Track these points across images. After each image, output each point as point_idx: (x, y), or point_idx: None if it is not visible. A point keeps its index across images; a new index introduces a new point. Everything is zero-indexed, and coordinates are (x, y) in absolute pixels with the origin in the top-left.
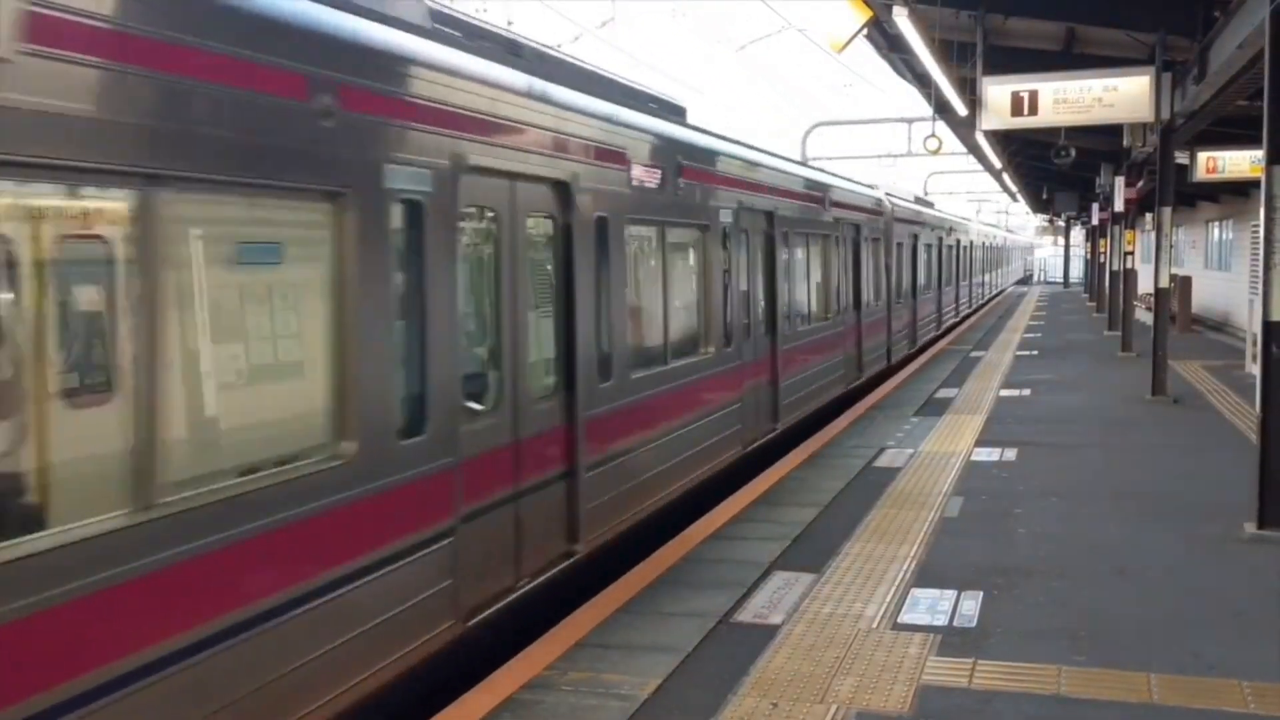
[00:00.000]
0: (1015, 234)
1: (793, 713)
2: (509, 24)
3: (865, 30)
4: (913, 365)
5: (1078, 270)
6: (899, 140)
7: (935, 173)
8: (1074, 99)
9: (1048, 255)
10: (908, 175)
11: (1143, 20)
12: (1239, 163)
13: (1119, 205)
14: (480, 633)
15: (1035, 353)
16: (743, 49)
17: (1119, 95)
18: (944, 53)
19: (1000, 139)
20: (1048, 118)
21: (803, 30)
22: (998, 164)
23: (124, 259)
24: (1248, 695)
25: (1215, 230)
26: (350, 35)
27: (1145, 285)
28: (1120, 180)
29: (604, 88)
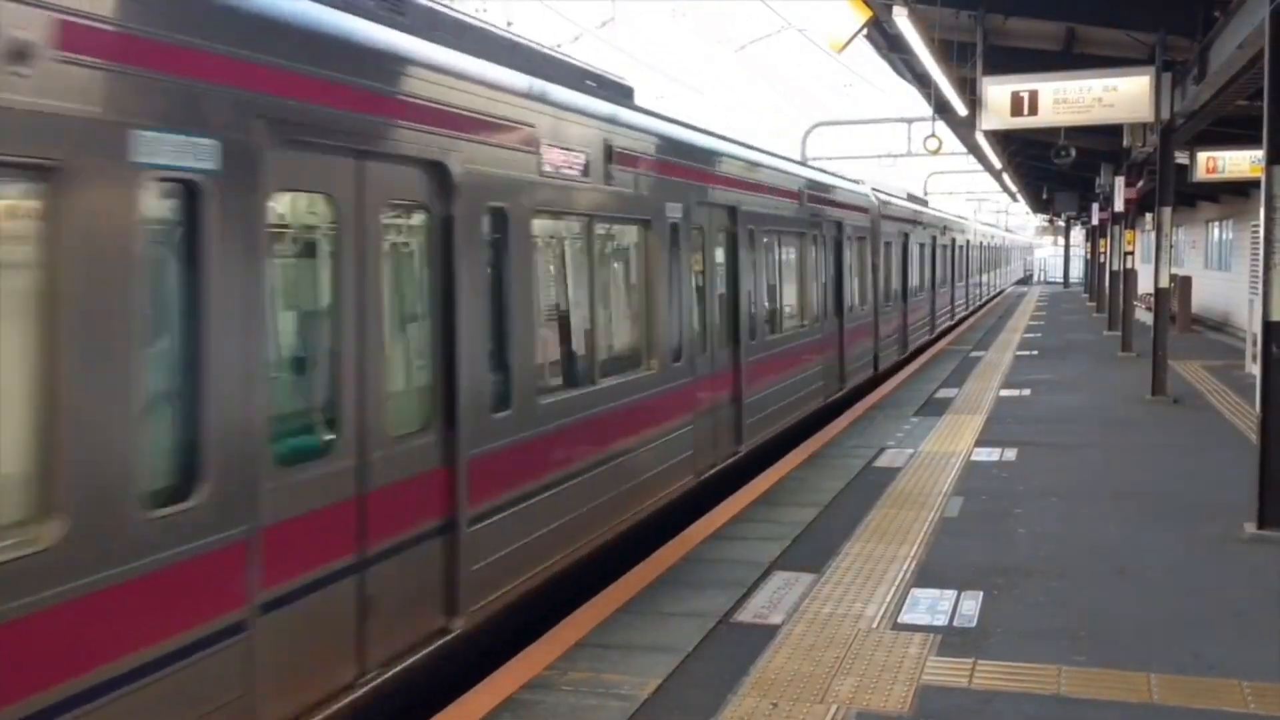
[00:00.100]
0: (1014, 233)
1: (793, 713)
2: (508, 24)
3: (865, 30)
4: (912, 366)
5: (1078, 270)
6: (899, 140)
7: (935, 173)
8: (1074, 99)
9: (1048, 255)
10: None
11: (1143, 20)
12: (1239, 163)
13: (1119, 205)
14: (480, 632)
15: (1035, 353)
16: (743, 49)
17: (1119, 95)
18: (944, 53)
19: (1000, 139)
20: (1048, 118)
21: (803, 30)
22: (998, 164)
23: None
24: (1248, 695)
25: (1215, 230)
26: None
27: (1145, 285)
28: (1120, 180)
29: (522, 59)
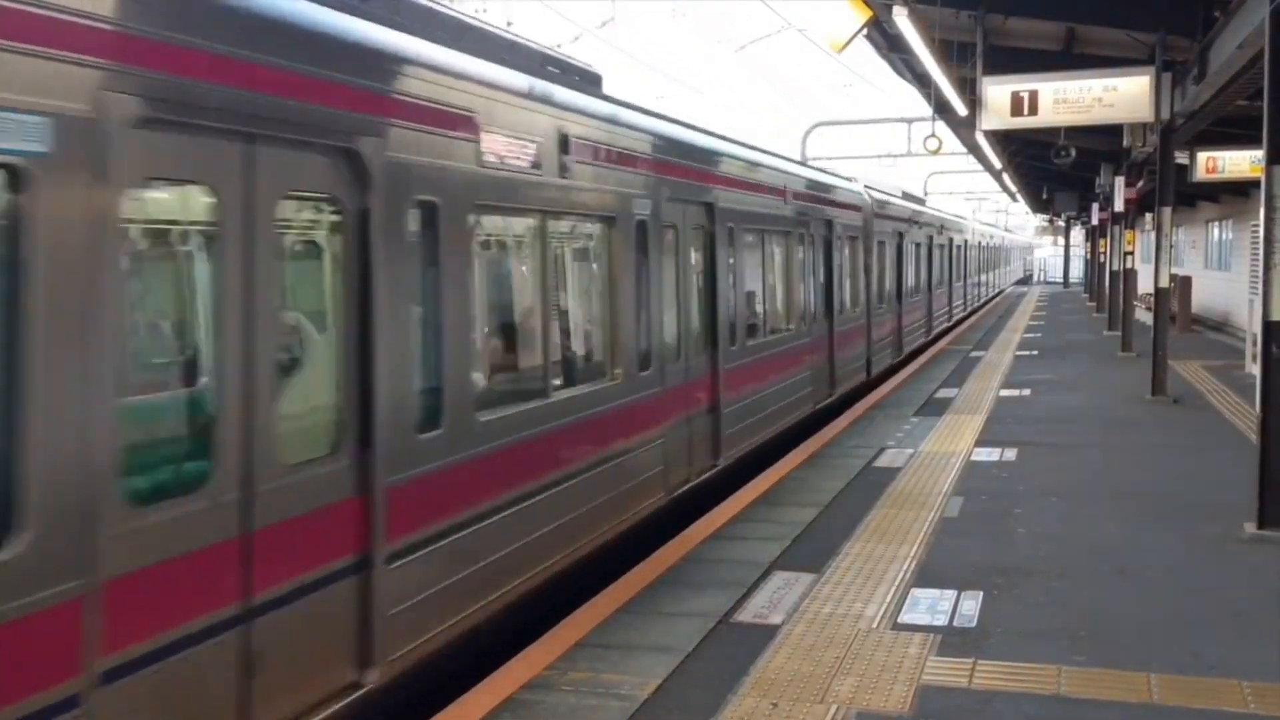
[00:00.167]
0: (1014, 233)
1: (793, 713)
2: (508, 24)
3: (865, 30)
4: (910, 367)
5: (1078, 270)
6: (899, 140)
7: (935, 173)
8: (1074, 99)
9: (1047, 255)
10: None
11: (1143, 20)
12: (1239, 163)
13: (1119, 205)
14: (480, 632)
15: (1035, 353)
16: (743, 49)
17: (1119, 95)
18: (944, 53)
19: (1000, 139)
20: (1048, 118)
21: (803, 30)
22: (998, 164)
23: None
24: (1248, 695)
25: (1215, 230)
26: None
27: (1145, 285)
28: (1120, 180)
29: (471, 41)
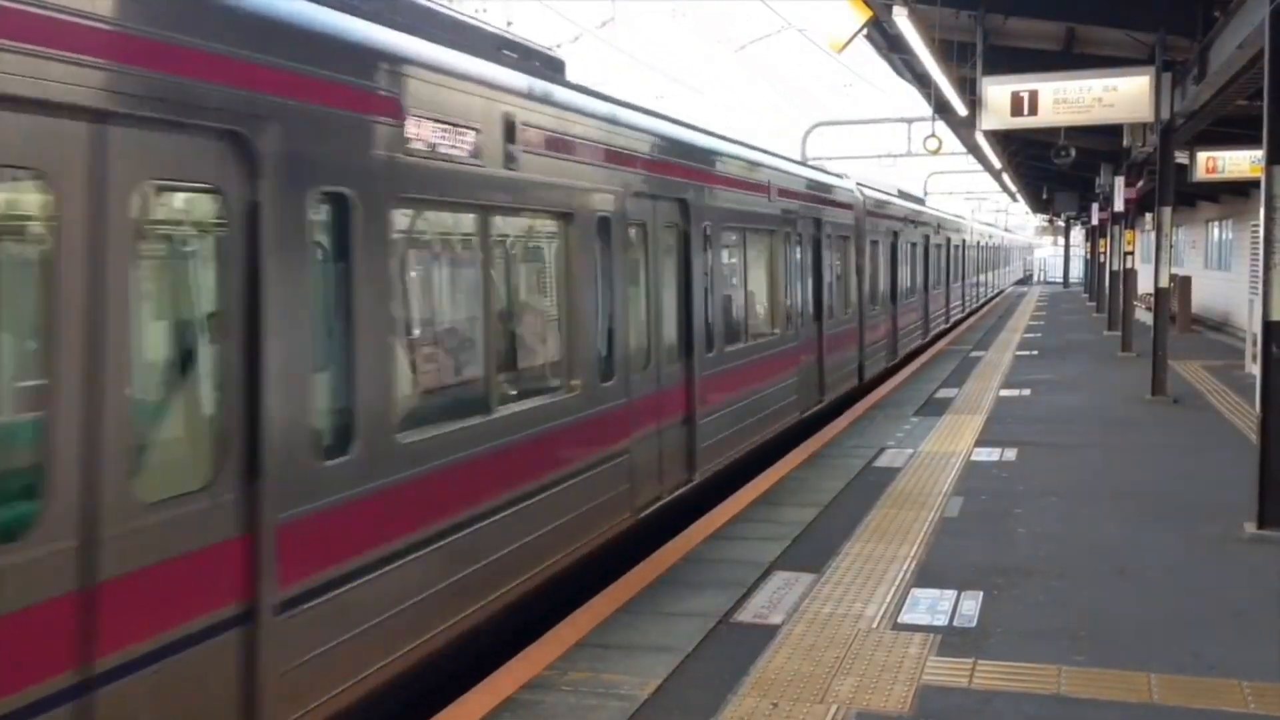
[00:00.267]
0: (1014, 233)
1: (793, 713)
2: (508, 24)
3: (865, 30)
4: (910, 367)
5: (1078, 270)
6: (899, 140)
7: (935, 173)
8: (1074, 99)
9: (1047, 255)
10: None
11: (1143, 20)
12: (1239, 163)
13: (1119, 205)
14: (480, 631)
15: (1035, 353)
16: (743, 49)
17: (1119, 95)
18: (944, 53)
19: (1000, 139)
20: (1048, 118)
21: (803, 30)
22: (997, 164)
23: None
24: (1248, 695)
25: (1215, 230)
26: None
27: (1145, 285)
28: (1120, 180)
29: (408, 17)
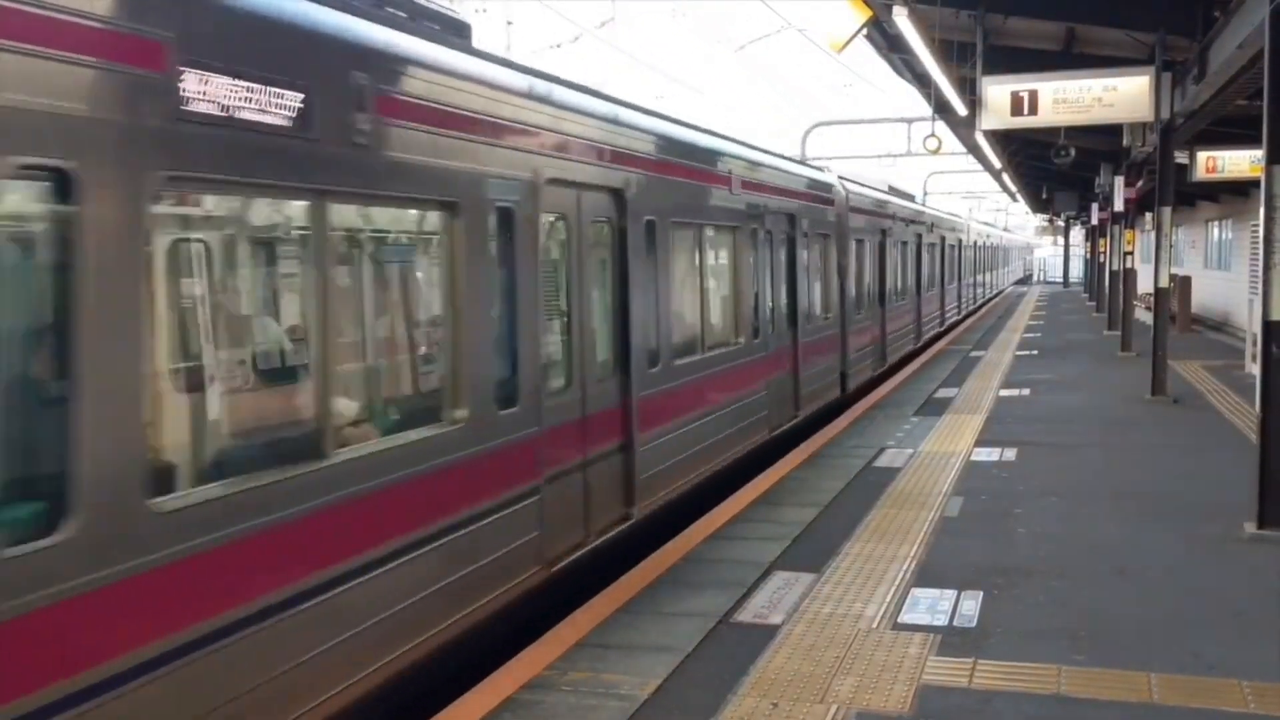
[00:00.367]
0: (1013, 233)
1: (793, 713)
2: (508, 24)
3: (865, 30)
4: (911, 367)
5: (1077, 270)
6: (899, 140)
7: (935, 172)
8: (1074, 99)
9: (1047, 255)
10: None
11: (1143, 20)
12: (1239, 162)
13: (1119, 205)
14: (480, 631)
15: (1035, 352)
16: (743, 49)
17: (1119, 95)
18: (944, 53)
19: (1000, 139)
20: (1047, 118)
21: (803, 30)
22: (997, 164)
23: None
24: (1248, 695)
25: (1215, 230)
26: None
27: (1145, 285)
28: (1120, 180)
29: None
